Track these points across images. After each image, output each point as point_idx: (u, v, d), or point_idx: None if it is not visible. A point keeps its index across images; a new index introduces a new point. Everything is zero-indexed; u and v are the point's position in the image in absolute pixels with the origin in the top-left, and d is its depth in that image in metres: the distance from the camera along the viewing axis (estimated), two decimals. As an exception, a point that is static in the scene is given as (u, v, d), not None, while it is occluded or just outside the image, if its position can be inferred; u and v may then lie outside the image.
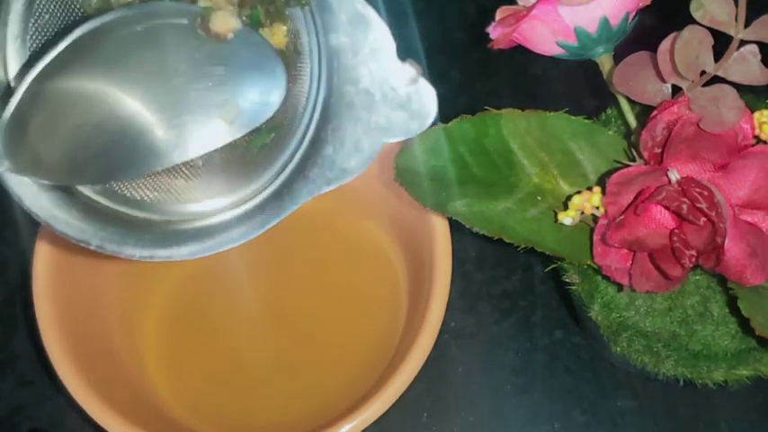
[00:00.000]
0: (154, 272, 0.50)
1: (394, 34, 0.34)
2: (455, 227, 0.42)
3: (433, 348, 0.42)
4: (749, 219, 0.38)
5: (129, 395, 0.46)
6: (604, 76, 0.41)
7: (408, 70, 0.33)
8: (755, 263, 0.37)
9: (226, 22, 0.34)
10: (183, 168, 0.37)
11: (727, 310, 0.43)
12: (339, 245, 0.52)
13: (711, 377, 0.41)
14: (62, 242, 0.37)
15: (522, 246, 0.40)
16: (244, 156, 0.37)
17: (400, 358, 0.42)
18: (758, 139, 0.38)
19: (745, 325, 0.39)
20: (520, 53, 0.42)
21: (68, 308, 0.45)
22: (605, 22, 0.39)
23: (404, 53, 0.34)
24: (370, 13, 0.33)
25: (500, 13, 0.41)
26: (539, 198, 0.41)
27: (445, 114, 0.41)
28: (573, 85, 0.54)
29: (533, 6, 0.39)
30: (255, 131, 0.36)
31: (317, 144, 0.34)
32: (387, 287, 0.50)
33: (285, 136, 0.36)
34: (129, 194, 0.37)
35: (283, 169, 0.35)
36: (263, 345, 0.50)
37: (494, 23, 0.41)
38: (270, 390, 0.49)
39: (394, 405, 0.42)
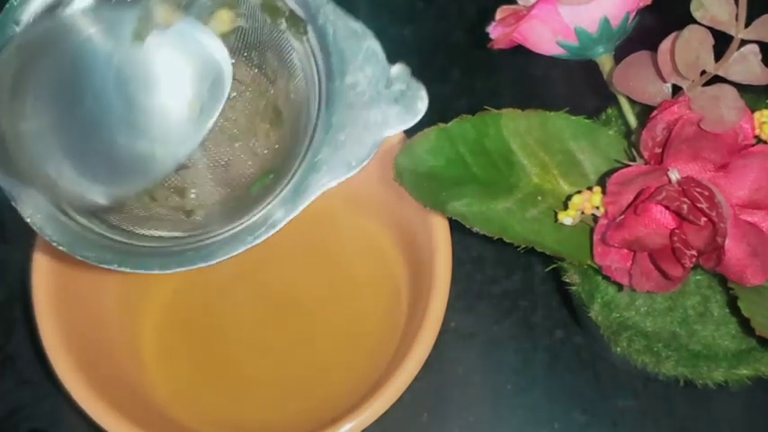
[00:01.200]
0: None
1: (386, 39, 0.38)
2: (455, 227, 0.42)
3: (433, 348, 0.42)
4: (750, 219, 0.38)
5: (128, 395, 0.46)
6: (605, 76, 0.41)
7: (398, 69, 0.37)
8: (756, 263, 0.37)
9: (168, 15, 0.36)
10: (184, 221, 0.38)
11: (727, 310, 0.42)
12: (339, 245, 0.52)
13: (712, 377, 0.41)
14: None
15: (522, 246, 0.40)
16: (244, 200, 0.39)
17: (400, 358, 0.42)
18: (758, 139, 0.38)
19: (745, 325, 0.39)
20: (520, 53, 0.42)
21: (68, 308, 0.45)
22: (605, 22, 0.39)
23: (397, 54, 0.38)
24: (360, 26, 0.37)
25: (500, 13, 0.41)
26: (539, 198, 0.41)
27: (445, 114, 0.41)
28: (573, 84, 0.54)
29: (533, 6, 0.39)
30: (252, 177, 0.37)
31: (320, 146, 0.37)
32: (387, 287, 0.50)
33: (289, 157, 0.38)
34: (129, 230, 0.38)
35: (290, 178, 0.38)
36: (262, 345, 0.50)
37: (494, 23, 0.41)
38: (269, 390, 0.49)
39: (394, 405, 0.42)
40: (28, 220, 0.36)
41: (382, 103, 0.37)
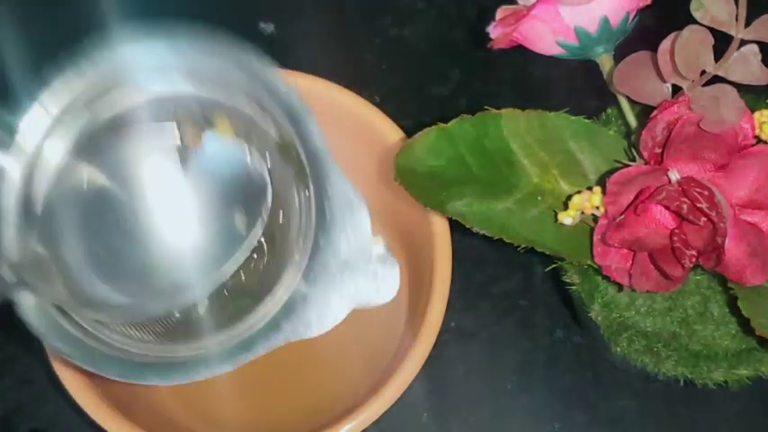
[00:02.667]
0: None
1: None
2: (455, 227, 0.42)
3: (433, 348, 0.42)
4: (749, 219, 0.38)
5: (129, 395, 0.45)
6: (605, 76, 0.41)
7: (379, 245, 0.37)
8: (756, 263, 0.37)
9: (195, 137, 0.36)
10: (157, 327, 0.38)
11: (727, 310, 0.42)
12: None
13: (712, 377, 0.41)
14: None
15: (522, 246, 0.40)
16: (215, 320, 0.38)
17: (400, 358, 0.42)
18: (758, 139, 0.38)
19: (745, 325, 0.39)
20: (520, 53, 0.42)
21: (68, 308, 0.45)
22: (605, 22, 0.39)
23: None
24: (358, 197, 0.37)
25: (500, 12, 0.41)
26: (539, 198, 0.41)
27: (445, 114, 0.41)
28: (573, 84, 0.54)
29: (533, 6, 0.39)
30: (228, 299, 0.37)
31: (293, 302, 0.36)
32: (387, 287, 0.50)
33: (263, 297, 0.37)
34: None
35: (257, 323, 0.37)
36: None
37: (494, 23, 0.41)
38: (269, 390, 0.49)
39: (394, 405, 0.42)
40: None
41: (358, 276, 0.36)
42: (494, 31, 0.41)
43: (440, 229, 0.44)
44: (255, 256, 0.36)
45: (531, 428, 0.50)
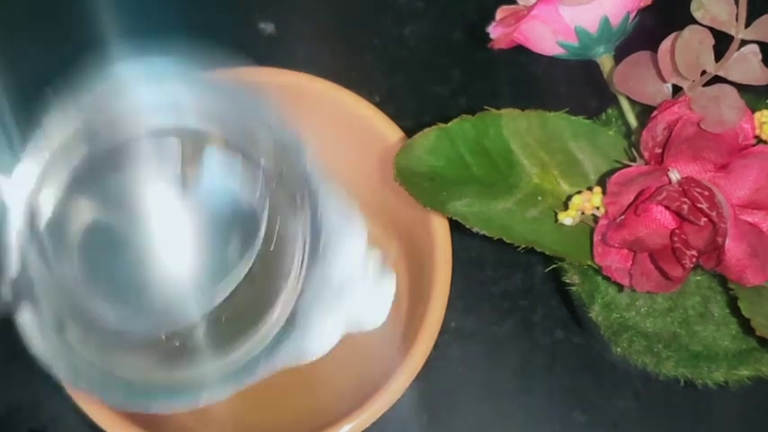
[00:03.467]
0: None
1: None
2: (455, 227, 0.42)
3: (433, 348, 0.42)
4: (750, 219, 0.38)
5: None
6: (605, 76, 0.41)
7: (374, 260, 0.38)
8: (756, 263, 0.37)
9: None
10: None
11: (727, 311, 0.42)
12: (339, 245, 0.52)
13: (712, 377, 0.41)
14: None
15: (522, 246, 0.40)
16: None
17: (400, 358, 0.42)
18: (759, 139, 0.38)
19: (745, 325, 0.39)
20: (520, 53, 0.42)
21: (68, 308, 0.45)
22: (606, 22, 0.39)
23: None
24: (353, 217, 0.37)
25: (500, 12, 0.41)
26: (539, 198, 0.41)
27: (445, 114, 0.41)
28: (573, 84, 0.54)
29: (533, 6, 0.39)
30: (224, 325, 0.37)
31: (288, 328, 0.36)
32: (387, 287, 0.50)
33: (258, 323, 0.37)
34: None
35: (254, 349, 0.37)
36: (262, 345, 0.50)
37: (494, 23, 0.41)
38: (269, 390, 0.49)
39: (394, 405, 0.42)
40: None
41: (352, 300, 0.37)
42: (494, 31, 0.41)
43: (440, 229, 0.44)
44: (249, 282, 0.37)
45: (531, 428, 0.50)
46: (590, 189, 0.39)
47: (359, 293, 0.37)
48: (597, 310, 0.42)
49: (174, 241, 0.36)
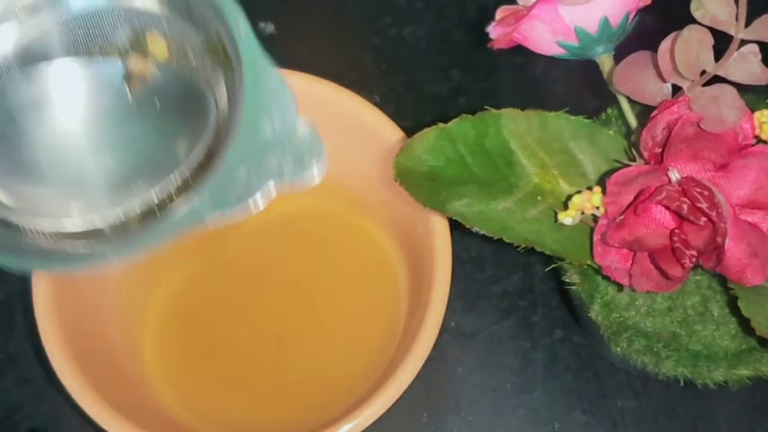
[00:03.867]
0: (154, 271, 0.50)
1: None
2: (455, 227, 0.42)
3: (433, 348, 0.42)
4: (750, 219, 0.38)
5: (129, 395, 0.46)
6: (604, 76, 0.41)
7: (304, 123, 0.36)
8: (756, 263, 0.37)
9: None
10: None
11: (727, 310, 0.42)
12: (338, 245, 0.52)
13: (712, 377, 0.41)
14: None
15: (522, 246, 0.40)
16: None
17: (400, 358, 0.42)
18: (758, 139, 0.38)
19: (745, 325, 0.39)
20: (520, 53, 0.42)
21: (67, 307, 0.45)
22: (605, 22, 0.39)
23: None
24: (285, 85, 0.36)
25: (500, 12, 0.41)
26: (539, 198, 0.41)
27: (445, 114, 0.41)
28: (573, 84, 0.54)
29: (533, 6, 0.39)
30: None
31: (207, 174, 0.36)
32: (387, 287, 0.50)
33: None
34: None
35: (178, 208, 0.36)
36: (262, 344, 0.50)
37: (494, 23, 0.41)
38: (269, 390, 0.49)
39: (394, 405, 0.42)
40: None
41: (281, 151, 0.36)
42: (494, 31, 0.41)
43: (440, 229, 0.44)
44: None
45: (531, 428, 0.50)
46: (590, 189, 0.39)
47: (291, 148, 0.36)
48: (597, 310, 0.42)
49: (115, 138, 0.36)
